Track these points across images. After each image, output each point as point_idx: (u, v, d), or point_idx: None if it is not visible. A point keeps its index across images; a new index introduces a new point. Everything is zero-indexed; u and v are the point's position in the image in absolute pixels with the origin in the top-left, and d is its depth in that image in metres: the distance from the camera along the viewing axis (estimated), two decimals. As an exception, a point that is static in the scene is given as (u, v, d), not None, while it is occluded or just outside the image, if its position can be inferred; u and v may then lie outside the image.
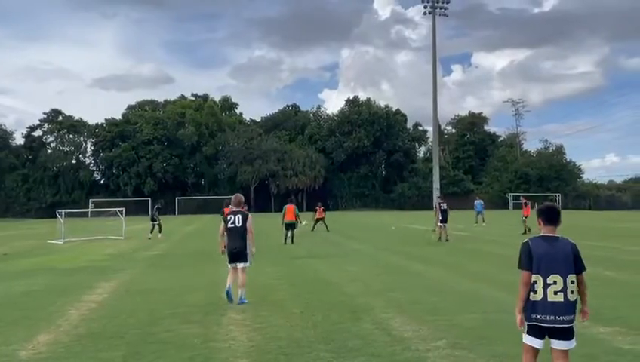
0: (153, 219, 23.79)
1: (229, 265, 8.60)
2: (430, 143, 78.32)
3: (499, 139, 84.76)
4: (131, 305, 8.63)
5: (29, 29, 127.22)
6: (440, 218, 20.02)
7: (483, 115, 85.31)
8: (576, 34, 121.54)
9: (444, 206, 20.47)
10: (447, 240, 19.38)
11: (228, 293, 8.49)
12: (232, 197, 9.07)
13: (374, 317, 7.41)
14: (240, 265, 8.49)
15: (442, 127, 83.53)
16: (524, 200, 25.42)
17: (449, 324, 6.95)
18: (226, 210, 23.88)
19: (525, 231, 22.60)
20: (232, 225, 8.49)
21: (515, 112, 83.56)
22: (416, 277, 11.23)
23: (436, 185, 68.44)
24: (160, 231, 23.58)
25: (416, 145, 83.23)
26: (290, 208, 19.93)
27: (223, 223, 8.68)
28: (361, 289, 9.79)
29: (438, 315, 7.49)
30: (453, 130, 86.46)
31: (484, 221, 30.41)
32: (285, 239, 19.23)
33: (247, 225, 8.47)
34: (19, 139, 73.30)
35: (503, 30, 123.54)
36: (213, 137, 73.18)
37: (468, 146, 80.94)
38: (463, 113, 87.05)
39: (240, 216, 8.56)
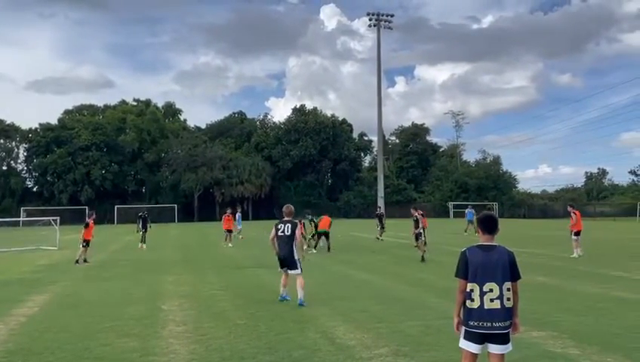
0: (145, 228, 23.22)
1: (280, 269, 9.40)
2: (375, 153, 79.75)
3: (440, 150, 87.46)
4: (64, 318, 8.23)
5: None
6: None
7: (425, 125, 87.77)
8: (513, 50, 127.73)
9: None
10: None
11: (282, 298, 9.45)
12: (284, 207, 9.64)
13: (319, 327, 7.42)
14: (291, 272, 9.20)
15: (386, 138, 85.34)
16: (421, 212, 19.37)
17: (392, 332, 7.06)
18: (226, 218, 24.14)
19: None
20: (282, 234, 9.13)
21: (455, 124, 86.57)
22: (360, 286, 11.34)
23: (381, 193, 69.79)
24: (142, 241, 22.51)
25: (362, 154, 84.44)
26: (326, 219, 20.72)
27: (273, 230, 9.25)
28: (306, 298, 9.77)
29: (382, 323, 7.60)
30: (397, 141, 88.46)
31: (475, 231, 30.32)
32: (316, 245, 20.17)
33: (297, 233, 9.13)
34: (-56, 144, 68.58)
35: (444, 45, 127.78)
36: (156, 144, 71.11)
37: (411, 156, 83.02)
38: (407, 124, 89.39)
39: (290, 225, 9.16)
